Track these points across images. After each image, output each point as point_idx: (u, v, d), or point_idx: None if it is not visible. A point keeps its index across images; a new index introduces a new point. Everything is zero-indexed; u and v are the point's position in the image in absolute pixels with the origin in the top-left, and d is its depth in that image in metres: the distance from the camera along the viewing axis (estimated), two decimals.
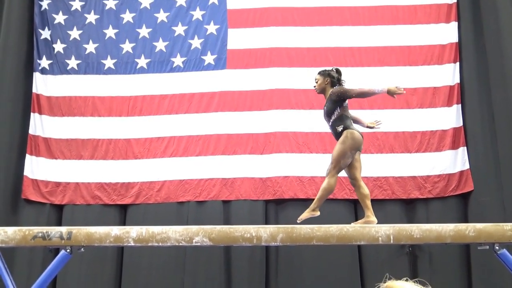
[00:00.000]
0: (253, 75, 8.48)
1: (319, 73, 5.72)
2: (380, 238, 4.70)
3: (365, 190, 5.50)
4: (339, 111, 5.50)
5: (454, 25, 8.44)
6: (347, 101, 5.57)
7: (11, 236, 4.82)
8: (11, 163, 8.31)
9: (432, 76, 8.32)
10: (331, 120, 5.56)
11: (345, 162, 5.42)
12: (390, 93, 5.32)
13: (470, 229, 4.67)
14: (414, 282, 2.17)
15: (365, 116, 8.06)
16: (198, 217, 7.92)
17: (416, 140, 8.12)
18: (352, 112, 5.70)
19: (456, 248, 7.72)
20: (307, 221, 5.26)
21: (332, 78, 5.64)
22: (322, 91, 5.69)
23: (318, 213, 5.48)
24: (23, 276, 7.63)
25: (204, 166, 8.20)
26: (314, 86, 5.76)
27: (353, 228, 4.77)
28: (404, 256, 7.76)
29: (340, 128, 5.47)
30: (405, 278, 2.19)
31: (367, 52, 8.45)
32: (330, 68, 5.71)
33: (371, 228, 4.73)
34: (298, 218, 5.46)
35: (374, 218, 5.35)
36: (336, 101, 5.50)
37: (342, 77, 5.68)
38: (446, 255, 7.75)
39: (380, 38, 8.48)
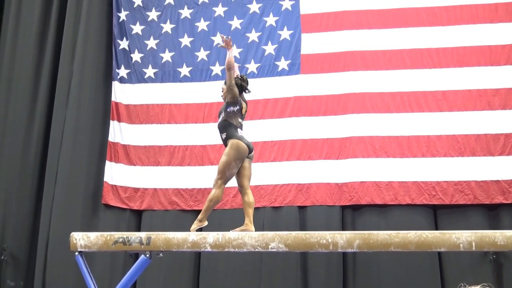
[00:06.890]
0: (328, 79, 8.39)
1: (225, 82, 5.69)
2: (461, 245, 4.52)
3: (250, 198, 5.55)
4: (223, 115, 5.54)
5: None
6: (235, 108, 5.53)
7: (94, 241, 4.98)
8: (92, 169, 8.60)
9: None
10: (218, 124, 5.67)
11: (231, 172, 5.46)
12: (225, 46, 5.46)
13: None
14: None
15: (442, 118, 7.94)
16: (273, 223, 7.90)
17: (499, 142, 7.77)
18: (429, 114, 5.49)
19: None
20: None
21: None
22: None
23: (206, 223, 5.49)
24: (105, 280, 7.84)
25: (279, 171, 8.18)
26: (221, 96, 5.77)
27: (432, 235, 4.62)
28: (488, 264, 7.46)
29: (223, 136, 5.55)
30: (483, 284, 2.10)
31: (445, 52, 8.18)
32: (235, 77, 5.58)
33: (452, 235, 4.57)
34: (190, 229, 5.40)
35: (252, 227, 5.35)
36: (228, 104, 5.54)
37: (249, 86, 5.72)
38: None
39: (459, 38, 8.17)
